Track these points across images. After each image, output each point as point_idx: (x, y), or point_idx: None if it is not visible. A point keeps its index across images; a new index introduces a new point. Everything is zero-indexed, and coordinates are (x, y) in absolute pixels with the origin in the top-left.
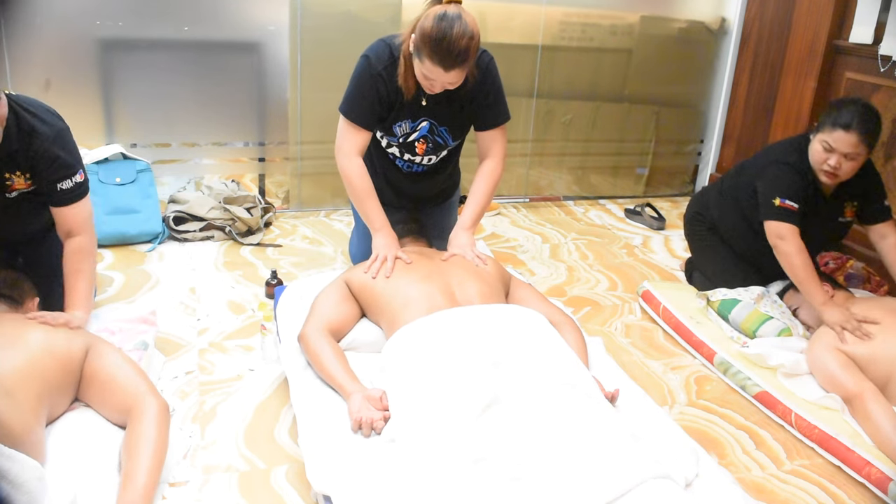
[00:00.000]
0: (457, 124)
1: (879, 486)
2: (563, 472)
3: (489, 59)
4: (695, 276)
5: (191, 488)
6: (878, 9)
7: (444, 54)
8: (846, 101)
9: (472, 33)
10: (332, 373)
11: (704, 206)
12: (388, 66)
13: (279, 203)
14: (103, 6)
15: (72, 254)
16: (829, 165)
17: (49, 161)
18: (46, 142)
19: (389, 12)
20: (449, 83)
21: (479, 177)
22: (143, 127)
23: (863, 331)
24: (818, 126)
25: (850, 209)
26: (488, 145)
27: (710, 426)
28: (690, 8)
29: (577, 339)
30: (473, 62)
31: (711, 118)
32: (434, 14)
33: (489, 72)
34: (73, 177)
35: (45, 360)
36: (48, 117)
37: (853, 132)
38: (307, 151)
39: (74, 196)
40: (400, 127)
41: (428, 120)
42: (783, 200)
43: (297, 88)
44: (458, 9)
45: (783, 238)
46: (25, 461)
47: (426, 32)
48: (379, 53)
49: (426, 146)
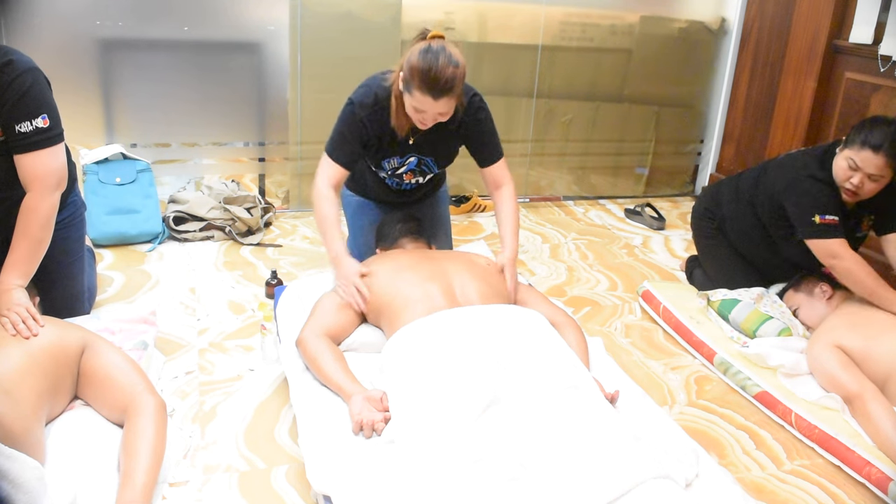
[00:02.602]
0: (443, 155)
1: (879, 486)
2: (564, 472)
3: (479, 100)
4: (695, 274)
5: (191, 488)
6: (878, 9)
7: (433, 83)
8: (879, 122)
9: (457, 62)
10: (331, 375)
11: (716, 204)
12: (371, 113)
13: (279, 203)
14: (103, 6)
15: (21, 212)
16: (851, 183)
17: (17, 90)
18: (19, 69)
19: (389, 12)
20: (439, 113)
21: (501, 206)
22: (143, 127)
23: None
24: (846, 141)
25: (866, 222)
26: (496, 176)
27: (710, 426)
28: (690, 8)
29: (578, 340)
30: (461, 92)
31: (711, 118)
32: (419, 49)
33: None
34: (33, 119)
35: (43, 357)
36: (26, 57)
37: (882, 154)
38: (307, 151)
39: (33, 143)
40: (388, 162)
41: (415, 155)
42: (822, 217)
43: (297, 88)
44: (441, 42)
45: (838, 256)
46: (25, 461)
47: (413, 65)
48: (363, 100)
49: (414, 175)
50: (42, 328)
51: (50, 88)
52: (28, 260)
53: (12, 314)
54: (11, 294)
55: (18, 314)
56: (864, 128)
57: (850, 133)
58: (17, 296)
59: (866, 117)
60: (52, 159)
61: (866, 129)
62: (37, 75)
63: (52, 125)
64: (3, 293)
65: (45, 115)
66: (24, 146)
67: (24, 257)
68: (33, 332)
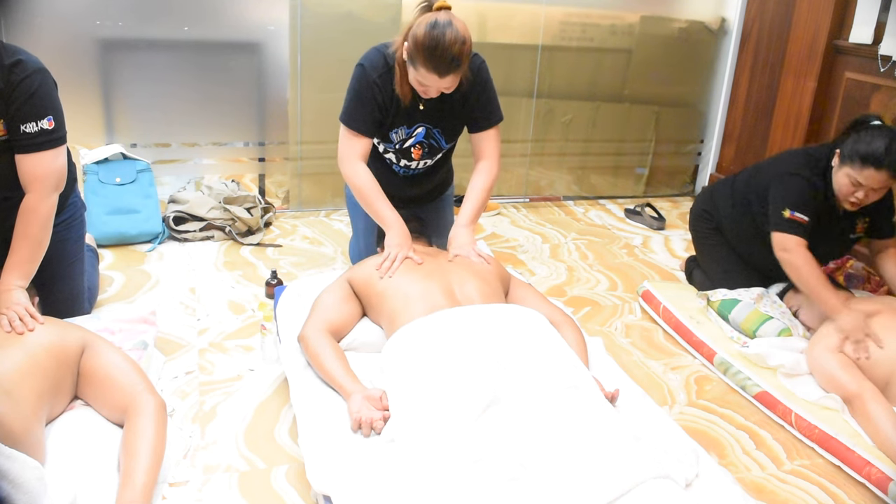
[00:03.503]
0: (450, 126)
1: (879, 486)
2: (564, 472)
3: (480, 61)
4: (695, 275)
5: (191, 488)
6: (878, 9)
7: (438, 61)
8: (872, 130)
9: (463, 39)
10: (332, 373)
11: (713, 205)
12: (384, 74)
13: (279, 203)
14: (103, 6)
15: (21, 213)
16: (856, 197)
17: (25, 91)
18: (28, 70)
19: (389, 12)
20: (444, 88)
21: (475, 175)
22: (143, 127)
23: (864, 347)
24: (844, 154)
25: (861, 225)
26: (483, 146)
27: (710, 426)
28: (690, 8)
29: (578, 340)
30: (466, 66)
31: (711, 118)
32: (426, 22)
33: (480, 74)
34: (39, 121)
35: (43, 357)
36: (35, 58)
37: (884, 171)
38: (307, 151)
39: (37, 144)
40: (396, 133)
41: (423, 125)
42: (793, 213)
43: (297, 88)
44: (448, 15)
45: (788, 250)
46: (25, 461)
47: (419, 41)
48: (374, 61)
49: (422, 151)
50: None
51: (56, 89)
52: (29, 261)
53: (10, 312)
54: (11, 294)
55: (17, 312)
56: (861, 141)
57: (846, 143)
58: (17, 296)
59: (857, 119)
60: (54, 161)
61: (863, 142)
62: (45, 76)
63: (57, 127)
64: (3, 293)
65: (51, 116)
66: (27, 146)
67: (25, 258)
68: (29, 327)
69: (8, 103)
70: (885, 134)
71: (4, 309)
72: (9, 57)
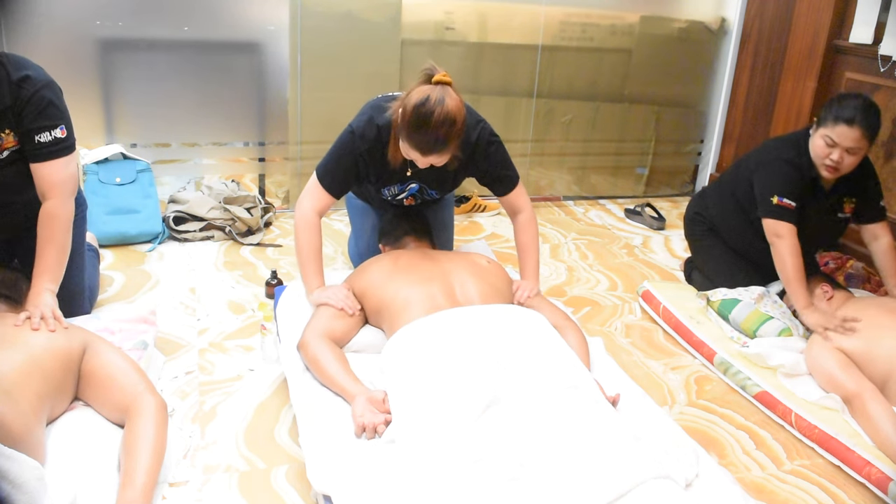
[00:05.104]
0: (445, 185)
1: (879, 486)
2: (564, 472)
3: (489, 134)
4: (694, 276)
5: (191, 488)
6: (878, 9)
7: (421, 139)
8: (847, 96)
9: (453, 119)
10: (334, 376)
11: (704, 207)
12: (372, 147)
13: (279, 203)
14: (103, 6)
15: (43, 219)
16: (831, 160)
17: (37, 105)
18: (38, 84)
19: (389, 12)
20: (432, 163)
21: (519, 232)
22: (143, 127)
23: (846, 326)
24: (819, 121)
25: (848, 205)
26: (513, 203)
27: (710, 426)
28: (690, 8)
29: (579, 341)
30: (457, 144)
31: (711, 118)
32: (418, 96)
33: (491, 146)
34: (53, 130)
35: (45, 359)
36: (40, 69)
37: (856, 127)
38: (307, 151)
39: (51, 152)
40: (389, 190)
41: (416, 182)
42: (781, 199)
43: (297, 88)
44: (442, 91)
45: (780, 236)
46: (25, 461)
47: (407, 115)
48: (365, 132)
49: (415, 201)
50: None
51: (63, 97)
52: (57, 264)
53: (37, 310)
54: (42, 296)
55: (43, 312)
56: (834, 104)
57: (822, 112)
58: (47, 298)
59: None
60: (67, 166)
61: (836, 105)
62: (54, 88)
63: (68, 135)
64: (35, 295)
65: (63, 126)
66: (42, 155)
67: (53, 262)
68: (50, 328)
69: (19, 117)
70: (858, 96)
71: (33, 307)
72: (16, 72)
